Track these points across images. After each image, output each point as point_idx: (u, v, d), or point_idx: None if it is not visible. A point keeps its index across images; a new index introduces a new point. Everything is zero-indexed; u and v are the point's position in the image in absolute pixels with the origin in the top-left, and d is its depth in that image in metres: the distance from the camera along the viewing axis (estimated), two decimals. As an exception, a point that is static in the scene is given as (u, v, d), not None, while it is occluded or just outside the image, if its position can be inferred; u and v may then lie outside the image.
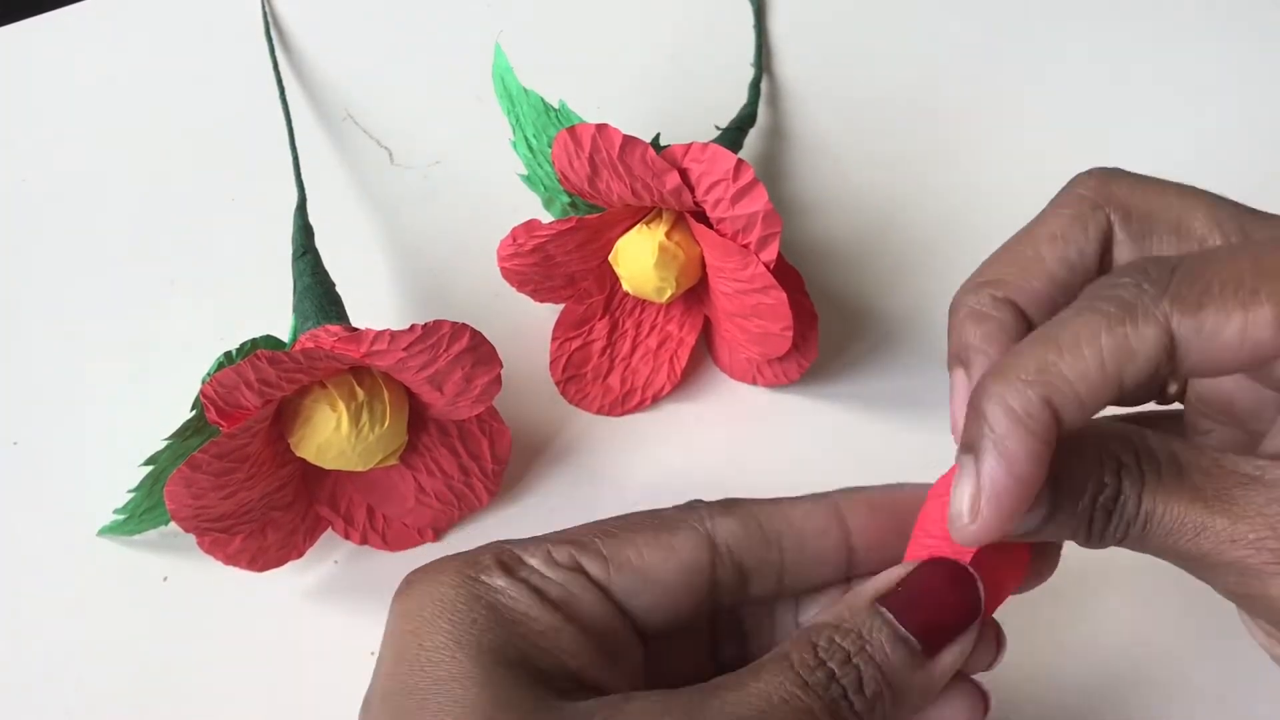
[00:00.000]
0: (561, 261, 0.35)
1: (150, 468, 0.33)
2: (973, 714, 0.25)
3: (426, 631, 0.23)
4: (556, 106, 0.35)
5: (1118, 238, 0.24)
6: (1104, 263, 0.24)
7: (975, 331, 0.24)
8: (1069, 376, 0.20)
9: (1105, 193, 0.25)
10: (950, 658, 0.23)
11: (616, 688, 0.23)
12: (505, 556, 0.24)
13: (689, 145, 0.31)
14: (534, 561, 0.24)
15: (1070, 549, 0.24)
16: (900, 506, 0.25)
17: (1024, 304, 0.24)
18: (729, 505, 0.25)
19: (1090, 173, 0.26)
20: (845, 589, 0.26)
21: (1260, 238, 0.23)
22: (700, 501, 0.25)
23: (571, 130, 0.31)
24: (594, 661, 0.23)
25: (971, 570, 0.23)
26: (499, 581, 0.23)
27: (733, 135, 0.39)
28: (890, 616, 0.23)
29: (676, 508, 0.25)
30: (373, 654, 0.33)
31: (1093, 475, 0.22)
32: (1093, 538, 0.22)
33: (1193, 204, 0.24)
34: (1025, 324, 0.24)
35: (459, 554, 0.24)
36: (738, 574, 0.25)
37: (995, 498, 0.21)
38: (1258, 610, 0.22)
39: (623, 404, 0.38)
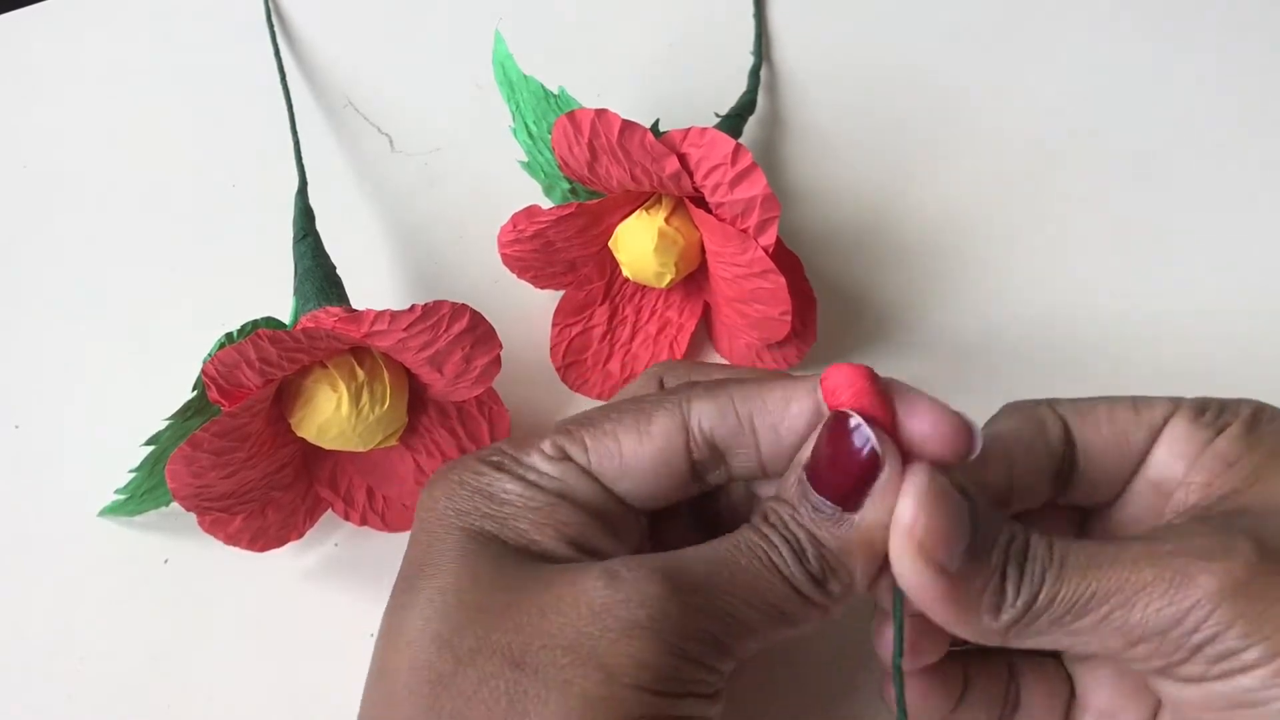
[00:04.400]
0: (562, 248, 0.35)
1: (151, 447, 0.33)
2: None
3: (434, 517, 0.26)
4: (556, 93, 0.35)
5: None
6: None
7: None
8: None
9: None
10: (874, 512, 0.24)
11: (620, 554, 0.26)
12: (504, 456, 0.27)
13: (687, 130, 0.31)
14: (529, 457, 0.27)
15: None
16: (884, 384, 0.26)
17: None
18: (711, 387, 0.27)
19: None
20: None
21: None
22: (689, 385, 0.27)
23: (571, 115, 0.31)
24: (594, 531, 0.26)
25: (857, 417, 0.24)
26: (494, 474, 0.26)
27: (732, 122, 0.40)
28: (806, 484, 0.25)
29: (662, 393, 0.27)
30: (372, 635, 0.33)
31: (1004, 524, 0.24)
32: (1007, 595, 0.24)
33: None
34: None
35: (475, 452, 0.28)
36: (713, 453, 0.26)
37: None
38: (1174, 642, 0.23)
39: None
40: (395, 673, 0.24)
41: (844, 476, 0.24)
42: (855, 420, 0.24)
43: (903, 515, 0.23)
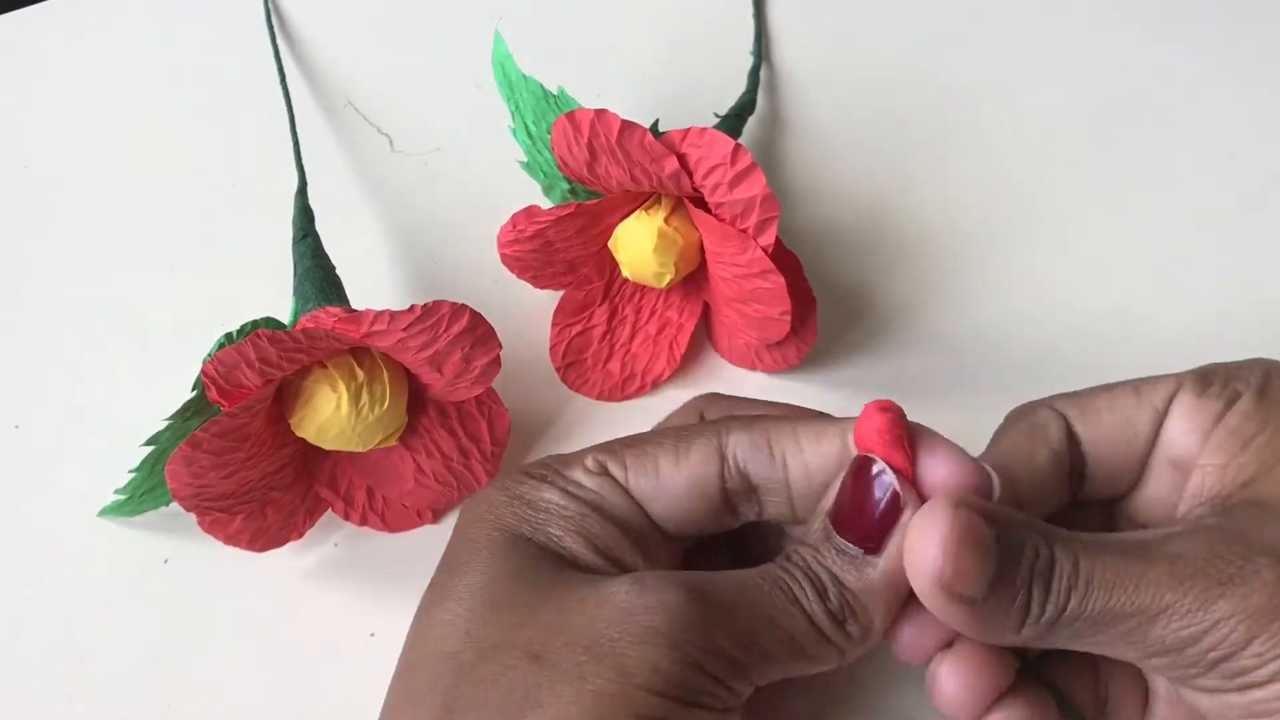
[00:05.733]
0: (561, 248, 0.35)
1: (151, 447, 0.33)
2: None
3: (473, 524, 0.27)
4: (556, 93, 0.35)
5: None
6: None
7: None
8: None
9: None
10: (894, 548, 0.25)
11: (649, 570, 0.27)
12: (549, 470, 0.28)
13: (687, 130, 0.31)
14: (571, 471, 0.28)
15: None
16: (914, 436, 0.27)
17: None
18: (749, 421, 0.27)
19: None
20: None
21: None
22: (728, 417, 0.28)
23: (570, 115, 0.31)
24: (624, 545, 0.27)
25: (881, 462, 0.25)
26: (536, 484, 0.27)
27: (732, 122, 0.40)
28: (830, 528, 0.26)
29: (703, 423, 0.29)
30: (372, 634, 0.33)
31: (1027, 541, 0.24)
32: (1032, 612, 0.24)
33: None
34: None
35: (520, 466, 0.29)
36: (746, 485, 0.27)
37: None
38: (1198, 653, 0.23)
39: (622, 389, 0.38)
40: (420, 664, 0.25)
41: (867, 520, 0.25)
42: (879, 465, 0.25)
43: (926, 562, 0.24)
